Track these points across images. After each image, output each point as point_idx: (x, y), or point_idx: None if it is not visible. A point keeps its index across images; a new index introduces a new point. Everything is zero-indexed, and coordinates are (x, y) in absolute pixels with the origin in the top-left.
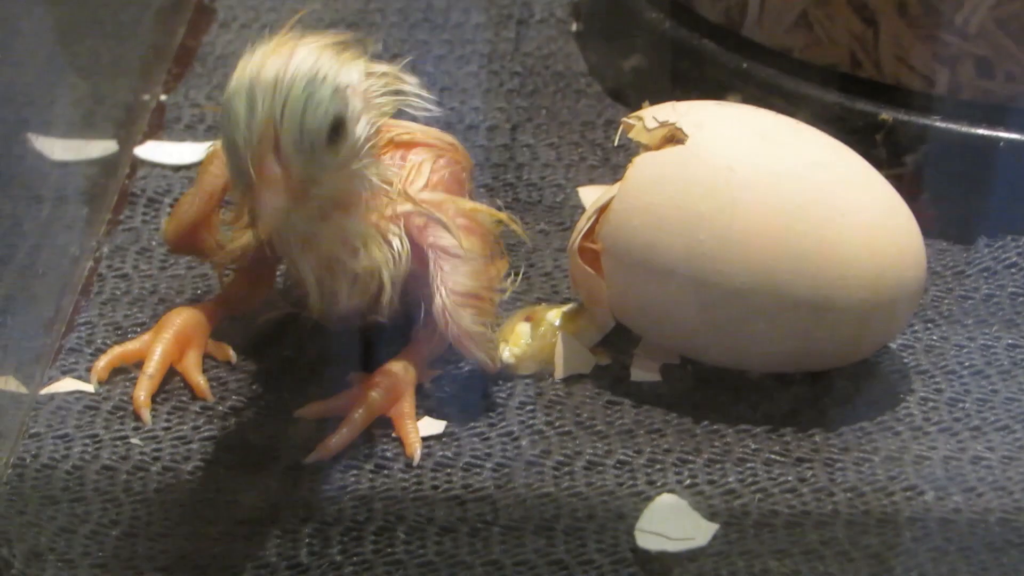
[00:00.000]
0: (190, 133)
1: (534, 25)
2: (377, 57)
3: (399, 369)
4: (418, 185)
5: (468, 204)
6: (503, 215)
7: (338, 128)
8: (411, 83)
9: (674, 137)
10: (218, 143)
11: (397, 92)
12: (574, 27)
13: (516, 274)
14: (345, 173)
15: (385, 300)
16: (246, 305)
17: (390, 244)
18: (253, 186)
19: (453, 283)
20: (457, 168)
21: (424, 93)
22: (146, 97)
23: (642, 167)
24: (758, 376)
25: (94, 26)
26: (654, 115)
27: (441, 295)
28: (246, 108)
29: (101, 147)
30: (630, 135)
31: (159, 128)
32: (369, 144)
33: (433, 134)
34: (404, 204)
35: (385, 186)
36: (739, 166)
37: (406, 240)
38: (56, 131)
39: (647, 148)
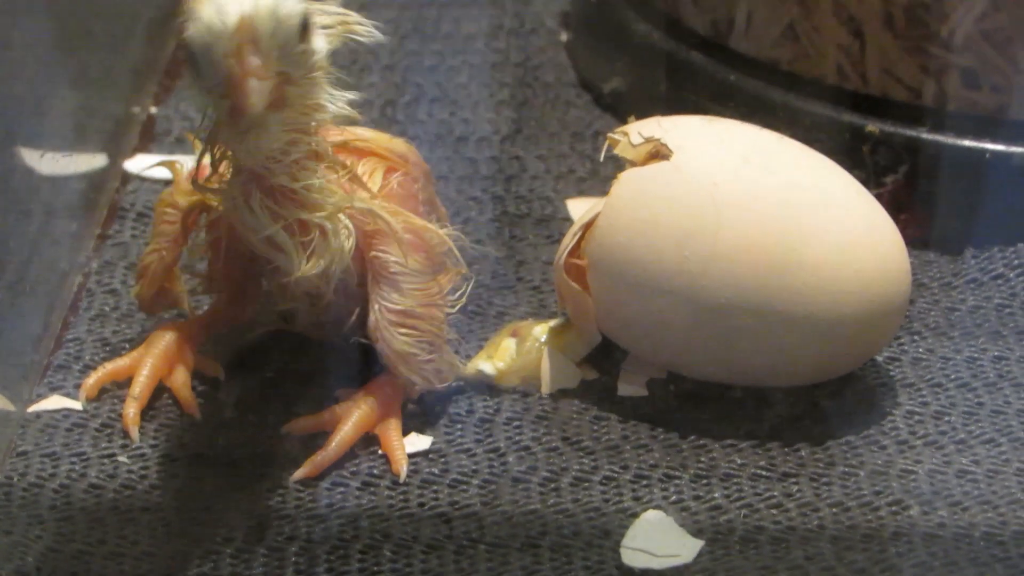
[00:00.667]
0: (180, 146)
1: (524, 35)
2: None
3: (386, 385)
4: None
5: (416, 220)
6: (446, 238)
7: (305, 26)
8: (356, 19)
9: (659, 153)
10: (168, 190)
11: (342, 27)
12: (564, 37)
13: (465, 289)
14: (310, 84)
15: (344, 251)
16: (233, 321)
17: (343, 229)
18: (234, 81)
19: (389, 301)
20: (408, 181)
21: (371, 28)
22: (136, 110)
23: (627, 183)
24: (744, 391)
25: (84, 39)
26: (639, 130)
27: (375, 312)
28: (217, 11)
29: (91, 160)
30: (616, 150)
31: (149, 141)
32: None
33: (384, 145)
34: (361, 201)
35: (341, 169)
36: (724, 182)
37: (354, 235)
38: (46, 144)
39: (632, 164)
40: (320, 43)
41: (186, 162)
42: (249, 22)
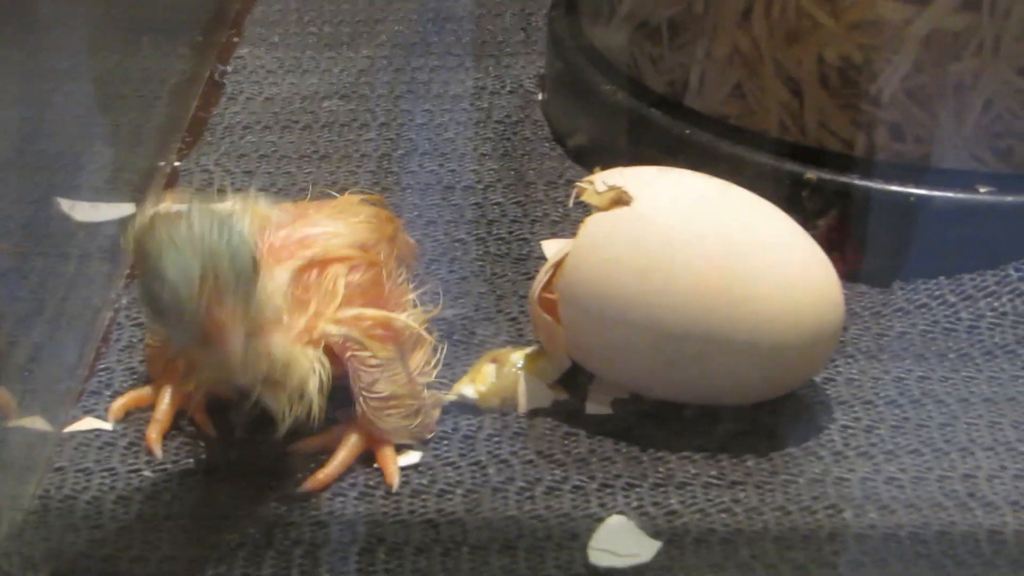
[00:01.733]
0: (200, 196)
1: (505, 96)
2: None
3: None
4: (335, 304)
5: (380, 314)
6: (410, 323)
7: (256, 260)
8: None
9: (621, 199)
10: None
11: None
12: (540, 97)
13: (439, 356)
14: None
15: (315, 412)
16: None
17: (313, 365)
18: (209, 338)
19: (372, 392)
20: (373, 271)
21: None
22: (162, 163)
23: (593, 226)
24: (697, 409)
25: (116, 100)
26: (604, 179)
27: (361, 403)
28: (179, 281)
29: (121, 209)
30: (583, 197)
31: (173, 191)
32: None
33: (340, 243)
34: (322, 327)
35: (303, 307)
36: (678, 225)
37: (326, 360)
38: (82, 194)
39: (598, 209)
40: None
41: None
42: (209, 286)
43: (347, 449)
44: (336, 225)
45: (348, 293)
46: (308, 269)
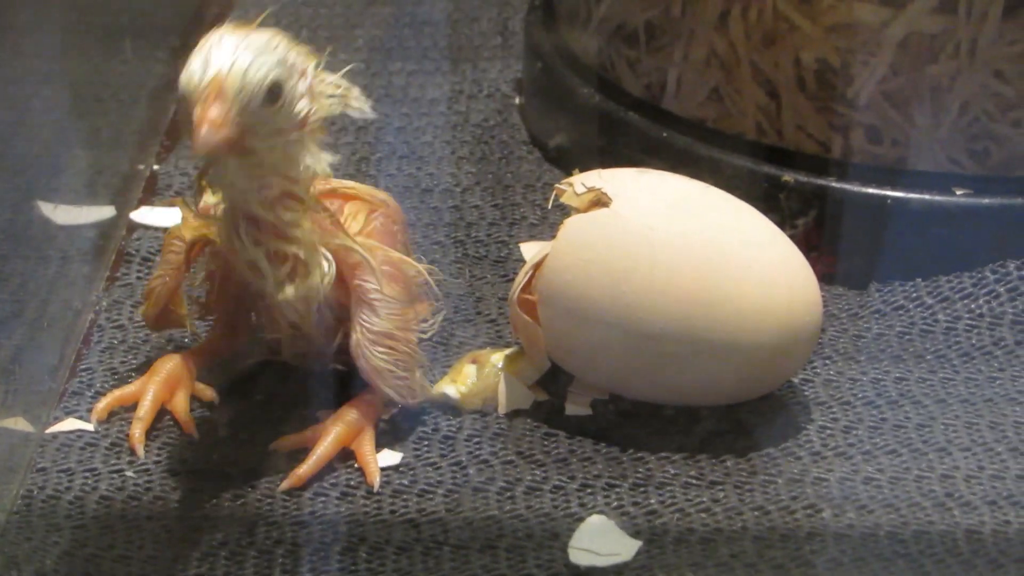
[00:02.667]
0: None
1: (482, 99)
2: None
3: (360, 406)
4: (353, 230)
5: (395, 254)
6: (423, 269)
7: (276, 90)
8: (356, 94)
9: (600, 201)
10: (177, 225)
11: (342, 99)
12: (517, 101)
13: (438, 318)
14: (281, 140)
15: (324, 280)
16: (226, 352)
17: (321, 262)
18: (193, 124)
19: (369, 323)
20: (388, 221)
21: (366, 104)
22: (141, 167)
23: (572, 228)
24: (676, 409)
25: (96, 104)
26: (582, 181)
27: (357, 332)
28: (202, 64)
29: (100, 212)
30: (562, 199)
31: (152, 194)
32: (306, 127)
33: (368, 192)
34: (341, 239)
35: (324, 212)
36: (657, 227)
37: (334, 266)
38: (61, 198)
39: (577, 211)
40: (301, 106)
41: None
42: (219, 79)
43: (327, 444)
44: (359, 184)
45: (366, 229)
46: (331, 197)
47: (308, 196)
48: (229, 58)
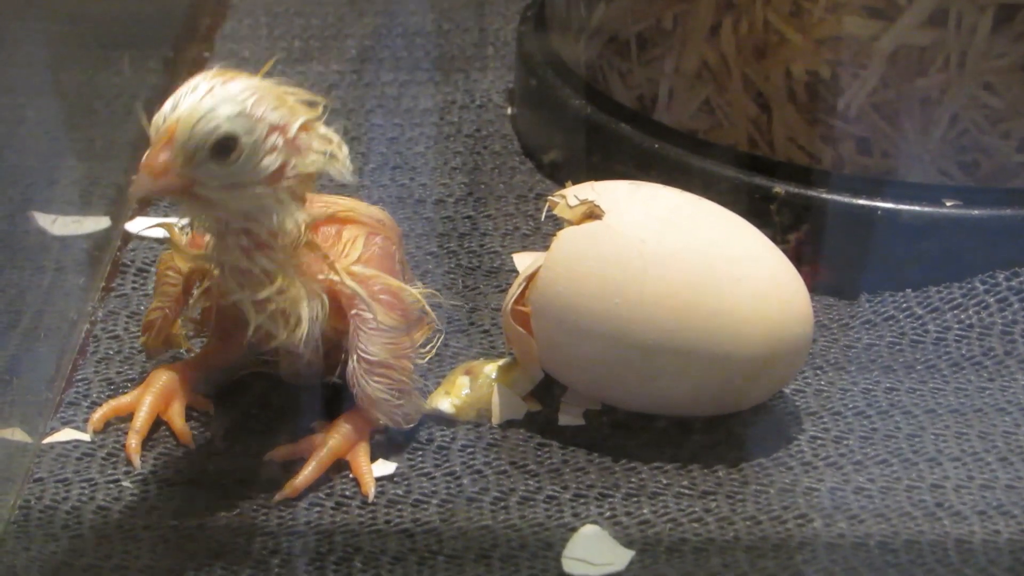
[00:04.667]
0: (173, 209)
1: (474, 110)
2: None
3: (355, 417)
4: (352, 258)
5: (394, 282)
6: (420, 296)
7: (227, 144)
8: (343, 154)
9: (593, 213)
10: (168, 252)
11: (328, 155)
12: (510, 111)
13: (435, 342)
14: (243, 193)
15: (302, 333)
16: (221, 363)
17: (312, 296)
18: (138, 165)
19: (366, 353)
20: (387, 244)
21: (349, 167)
22: (135, 177)
23: (565, 240)
24: (669, 420)
25: (90, 115)
26: (575, 194)
27: (353, 361)
28: (170, 106)
29: (96, 223)
30: (555, 211)
31: (147, 205)
32: (279, 182)
33: (365, 212)
34: (335, 276)
35: (316, 251)
36: (649, 239)
37: (327, 302)
38: (56, 209)
39: (569, 223)
40: (269, 161)
41: (179, 223)
42: (173, 126)
43: (322, 456)
44: (356, 203)
45: (364, 255)
46: (328, 224)
47: (289, 250)
48: (189, 106)
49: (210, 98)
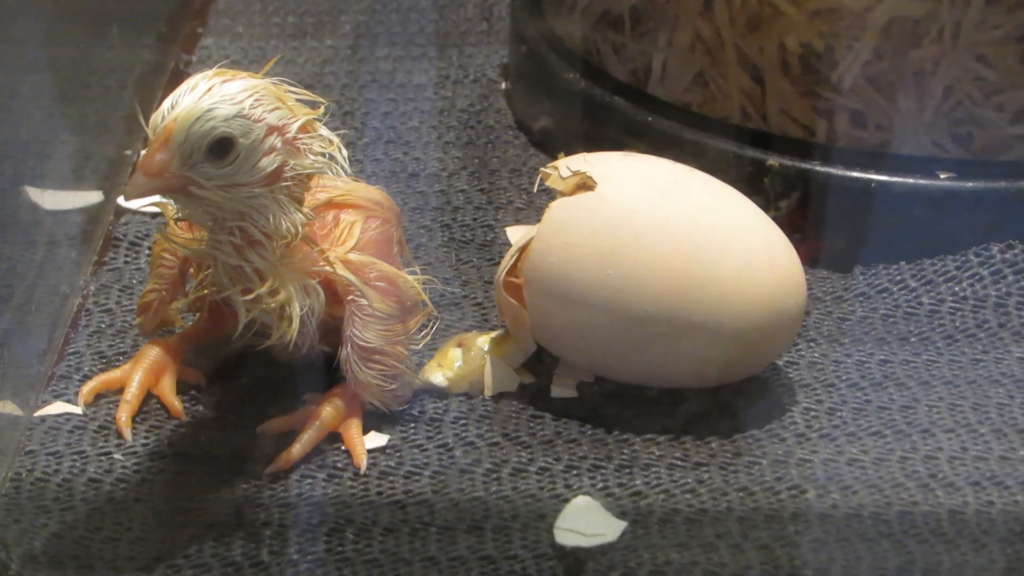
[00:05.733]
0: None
1: (468, 84)
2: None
3: (348, 390)
4: (348, 245)
5: (390, 269)
6: (417, 286)
7: (223, 146)
8: (342, 157)
9: (585, 184)
10: (159, 235)
11: (328, 157)
12: (503, 86)
13: (431, 328)
14: (238, 193)
15: (292, 335)
16: (213, 336)
17: (308, 292)
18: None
19: (360, 339)
20: (387, 227)
21: (346, 169)
22: (128, 152)
23: (557, 211)
24: (661, 391)
25: (83, 90)
26: (568, 165)
27: (348, 347)
28: (169, 106)
29: (88, 197)
30: (547, 183)
31: None
32: (277, 182)
33: (364, 194)
34: (330, 269)
35: (311, 245)
36: (641, 210)
37: (323, 294)
38: (49, 183)
39: (562, 194)
40: (267, 163)
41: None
42: (170, 127)
43: (314, 428)
44: (354, 184)
45: (361, 241)
46: (325, 210)
47: (283, 249)
48: (187, 106)
49: (208, 98)
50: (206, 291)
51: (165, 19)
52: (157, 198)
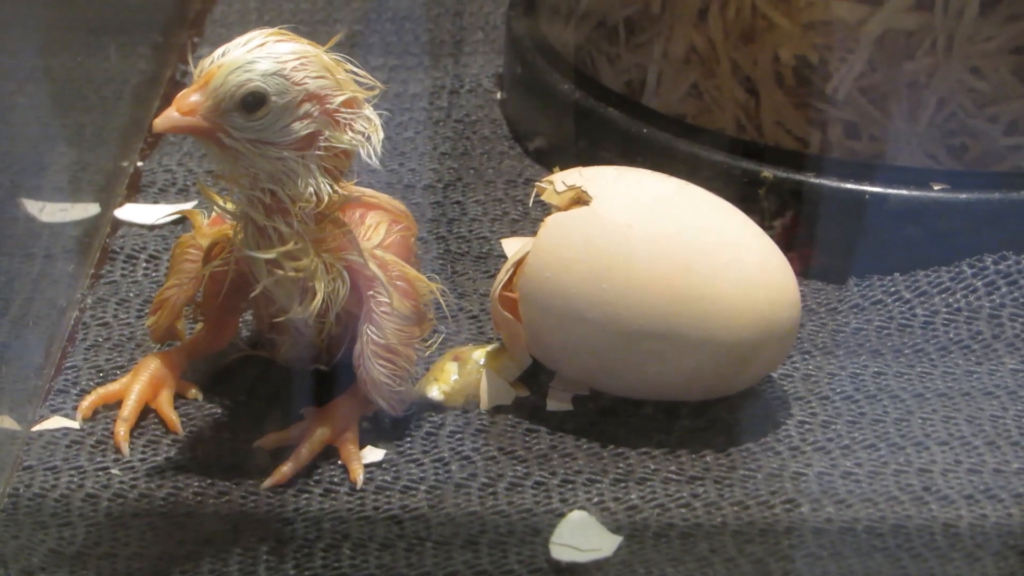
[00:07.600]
0: (163, 196)
1: (464, 95)
2: None
3: (345, 404)
4: (374, 242)
5: (411, 271)
6: (436, 288)
7: (255, 100)
8: (376, 140)
9: (580, 199)
10: (189, 234)
11: (366, 137)
12: (499, 96)
13: (436, 339)
14: (267, 151)
15: (314, 308)
16: (210, 350)
17: (333, 273)
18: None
19: (376, 335)
20: (408, 235)
21: (377, 151)
22: (125, 164)
23: (552, 226)
24: (656, 406)
25: (79, 101)
26: (563, 179)
27: (362, 342)
28: (219, 53)
29: (85, 209)
30: (542, 197)
31: (136, 192)
32: (309, 149)
33: (389, 202)
34: (356, 256)
35: (341, 228)
36: (636, 225)
37: (347, 279)
38: (45, 195)
39: (557, 209)
40: (299, 127)
41: (168, 210)
42: (212, 71)
43: (311, 442)
44: (380, 193)
45: (385, 241)
46: (355, 207)
47: (308, 217)
48: (233, 56)
49: (255, 52)
50: (225, 267)
51: (161, 29)
52: (182, 206)
